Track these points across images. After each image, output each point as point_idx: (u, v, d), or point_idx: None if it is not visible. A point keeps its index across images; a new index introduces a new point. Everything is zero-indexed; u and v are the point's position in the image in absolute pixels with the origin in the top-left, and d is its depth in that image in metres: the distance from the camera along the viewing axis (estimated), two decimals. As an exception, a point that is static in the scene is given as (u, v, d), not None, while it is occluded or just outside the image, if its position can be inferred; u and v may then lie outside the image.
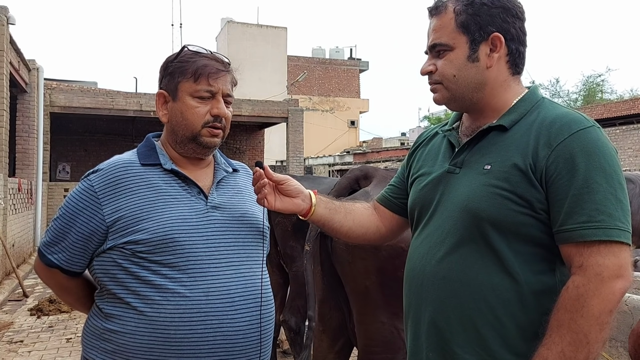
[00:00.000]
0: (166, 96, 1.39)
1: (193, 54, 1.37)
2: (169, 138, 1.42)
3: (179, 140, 1.39)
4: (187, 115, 1.36)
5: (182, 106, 1.36)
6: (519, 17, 1.24)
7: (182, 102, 1.36)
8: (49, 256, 1.35)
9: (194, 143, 1.37)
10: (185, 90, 1.35)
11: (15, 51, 8.89)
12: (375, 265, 2.16)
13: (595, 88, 27.21)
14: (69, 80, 17.10)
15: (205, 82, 1.34)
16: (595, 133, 1.13)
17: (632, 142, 15.09)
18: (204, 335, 1.26)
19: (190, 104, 1.35)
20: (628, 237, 1.08)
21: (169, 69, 1.38)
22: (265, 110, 14.76)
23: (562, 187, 1.10)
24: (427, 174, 1.33)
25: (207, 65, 1.35)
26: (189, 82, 1.34)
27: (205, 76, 1.34)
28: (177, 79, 1.36)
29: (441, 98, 1.28)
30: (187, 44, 1.39)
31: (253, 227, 1.42)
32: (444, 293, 1.19)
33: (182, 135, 1.37)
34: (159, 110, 1.41)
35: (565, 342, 1.04)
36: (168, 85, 1.38)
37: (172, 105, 1.38)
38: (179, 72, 1.36)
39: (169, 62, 1.39)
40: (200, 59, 1.36)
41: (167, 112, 1.39)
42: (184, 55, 1.37)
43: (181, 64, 1.36)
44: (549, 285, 1.14)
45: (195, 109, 1.35)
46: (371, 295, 2.18)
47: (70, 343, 4.68)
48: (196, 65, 1.34)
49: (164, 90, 1.39)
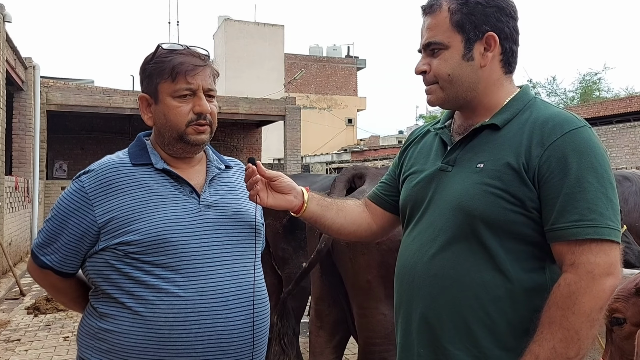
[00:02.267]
0: (148, 99, 1.37)
1: (168, 52, 1.34)
2: (157, 140, 1.41)
3: (167, 142, 1.38)
4: (170, 117, 1.34)
5: (164, 108, 1.34)
6: (513, 17, 1.25)
7: (163, 103, 1.34)
8: (41, 257, 1.35)
9: (181, 143, 1.36)
10: (165, 91, 1.33)
11: (11, 49, 8.87)
12: (376, 259, 2.22)
13: (591, 86, 27.25)
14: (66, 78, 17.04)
15: (183, 81, 1.31)
16: (587, 133, 1.14)
17: (629, 139, 15.15)
18: (198, 334, 1.26)
19: (172, 105, 1.33)
20: (618, 236, 1.10)
21: (147, 71, 1.36)
22: (263, 108, 14.74)
23: (555, 186, 1.11)
24: (419, 172, 1.33)
25: (183, 63, 1.31)
26: (167, 82, 1.32)
27: (182, 74, 1.31)
28: (156, 81, 1.34)
29: (436, 99, 1.28)
30: (161, 42, 1.37)
31: (246, 225, 1.41)
32: (436, 290, 1.20)
33: (169, 137, 1.36)
34: (144, 114, 1.39)
35: (557, 339, 1.06)
36: (148, 87, 1.36)
37: (155, 108, 1.37)
38: (157, 73, 1.33)
39: (147, 64, 1.36)
40: (176, 56, 1.33)
41: (152, 115, 1.38)
42: (160, 55, 1.34)
43: (157, 64, 1.34)
44: (539, 283, 1.15)
45: (177, 109, 1.33)
46: (373, 288, 2.24)
47: (67, 341, 4.69)
48: (172, 64, 1.32)
49: (146, 93, 1.37)
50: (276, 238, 3.42)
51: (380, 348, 2.26)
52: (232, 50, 29.05)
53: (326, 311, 2.58)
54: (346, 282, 2.39)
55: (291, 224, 3.33)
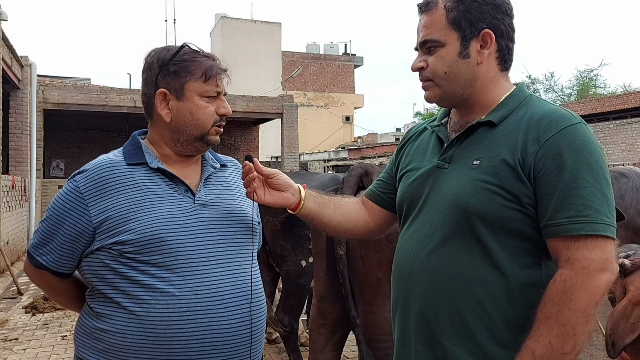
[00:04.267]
0: (168, 94, 1.37)
1: (195, 53, 1.38)
2: (165, 137, 1.40)
3: (184, 140, 1.38)
4: (198, 115, 1.36)
5: (191, 106, 1.36)
6: (508, 14, 1.25)
7: (191, 101, 1.36)
8: (37, 258, 1.35)
9: (200, 142, 1.38)
10: (194, 90, 1.36)
11: (7, 47, 8.84)
12: (388, 257, 2.25)
13: (588, 83, 27.28)
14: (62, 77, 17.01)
15: (214, 83, 1.37)
16: (582, 129, 1.15)
17: (626, 136, 15.18)
18: (193, 334, 1.26)
19: (201, 104, 1.36)
20: (613, 232, 1.10)
21: (171, 67, 1.35)
22: (260, 106, 14.74)
23: (550, 182, 1.12)
24: (416, 169, 1.34)
25: (213, 67, 1.37)
26: (198, 82, 1.35)
27: (214, 77, 1.37)
28: (185, 79, 1.35)
29: (433, 96, 1.29)
30: (186, 42, 1.39)
31: (242, 224, 1.42)
32: (433, 286, 1.21)
33: (190, 135, 1.37)
34: (161, 109, 1.37)
35: (553, 334, 1.06)
36: (171, 83, 1.36)
37: (177, 105, 1.36)
38: (186, 71, 1.35)
39: (169, 60, 1.36)
40: (204, 59, 1.37)
41: (170, 112, 1.37)
42: (186, 54, 1.37)
43: (186, 63, 1.35)
44: (535, 279, 1.16)
45: (206, 109, 1.37)
46: (382, 286, 2.27)
47: (65, 340, 4.69)
48: (204, 66, 1.36)
49: (166, 89, 1.36)
50: (275, 235, 3.42)
51: (384, 345, 2.29)
52: (229, 48, 29.00)
53: (329, 309, 2.61)
54: (354, 279, 2.43)
55: (290, 221, 3.33)
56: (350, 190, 2.45)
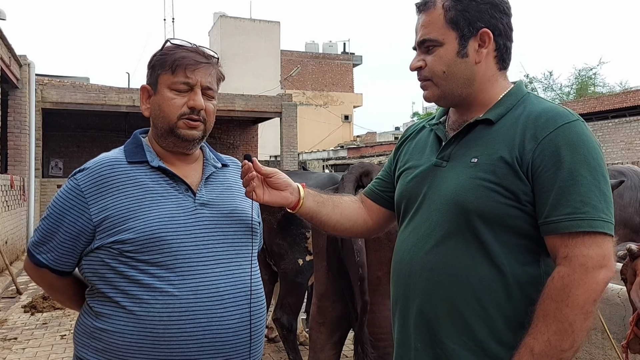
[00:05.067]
0: (149, 90, 1.39)
1: (175, 47, 1.37)
2: (152, 132, 1.42)
3: (159, 134, 1.38)
4: (163, 107, 1.35)
5: (160, 98, 1.36)
6: (506, 13, 1.26)
7: (160, 94, 1.36)
8: (37, 256, 1.35)
9: (172, 136, 1.36)
10: (164, 83, 1.35)
11: (6, 47, 8.83)
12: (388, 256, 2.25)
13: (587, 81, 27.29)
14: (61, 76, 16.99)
15: (182, 74, 1.33)
16: (579, 127, 1.15)
17: (624, 134, 15.19)
18: (193, 333, 1.26)
19: (167, 96, 1.35)
20: (611, 229, 1.10)
21: (152, 62, 1.38)
22: (259, 105, 14.72)
23: (548, 179, 1.12)
24: (414, 167, 1.34)
25: (185, 57, 1.33)
26: (167, 74, 1.34)
27: (182, 68, 1.33)
28: (157, 72, 1.36)
29: (432, 95, 1.29)
30: (171, 38, 1.39)
31: (242, 224, 1.41)
32: (432, 284, 1.21)
33: (161, 128, 1.37)
34: (142, 104, 1.41)
35: (551, 331, 1.07)
36: (150, 78, 1.38)
37: (153, 99, 1.38)
38: (159, 64, 1.36)
39: (153, 56, 1.38)
40: (180, 51, 1.35)
41: (149, 106, 1.39)
42: (166, 49, 1.37)
43: (161, 57, 1.36)
44: (534, 276, 1.16)
45: (171, 100, 1.34)
46: (382, 285, 2.28)
47: (64, 340, 4.68)
48: (174, 57, 1.34)
49: (148, 84, 1.39)
50: (271, 233, 3.42)
51: (385, 343, 2.30)
52: (228, 47, 28.98)
53: (329, 308, 2.62)
54: (355, 278, 2.43)
55: (286, 220, 3.33)
56: (348, 189, 2.45)
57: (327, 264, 2.58)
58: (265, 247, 3.55)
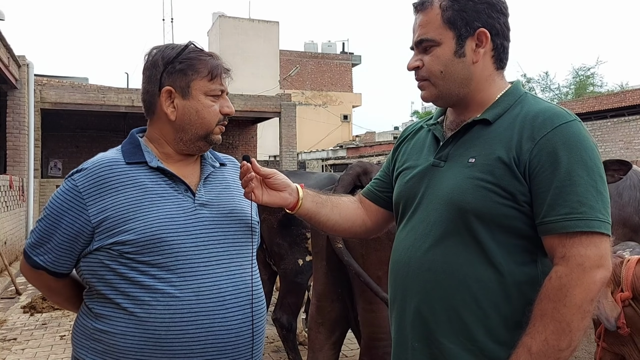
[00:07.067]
0: (173, 92, 1.36)
1: (200, 51, 1.38)
2: (167, 135, 1.39)
3: (187, 138, 1.37)
4: (203, 114, 1.36)
5: (197, 104, 1.36)
6: (503, 13, 1.26)
7: (196, 100, 1.35)
8: (34, 258, 1.33)
9: (203, 140, 1.38)
10: (199, 89, 1.35)
11: (4, 47, 8.82)
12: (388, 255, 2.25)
13: (585, 81, 27.31)
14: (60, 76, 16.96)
15: (218, 82, 1.37)
16: (576, 127, 1.15)
17: (623, 134, 15.20)
18: (195, 335, 1.25)
19: (207, 103, 1.36)
20: (608, 229, 1.11)
21: (177, 65, 1.34)
22: (258, 105, 14.72)
23: (545, 179, 1.12)
24: (412, 168, 1.34)
25: (218, 66, 1.37)
26: (203, 80, 1.35)
27: (219, 76, 1.37)
28: (191, 77, 1.35)
29: (429, 95, 1.29)
30: (191, 41, 1.39)
31: (242, 224, 1.41)
32: (429, 284, 1.21)
33: (194, 133, 1.37)
34: (166, 107, 1.36)
35: (549, 331, 1.07)
36: (177, 81, 1.35)
37: (182, 103, 1.35)
38: (193, 69, 1.34)
39: (174, 58, 1.35)
40: (209, 58, 1.37)
41: (175, 110, 1.36)
42: (192, 52, 1.36)
43: (192, 61, 1.35)
44: (531, 276, 1.16)
45: (211, 107, 1.37)
46: (382, 285, 2.27)
47: (64, 340, 4.68)
48: (210, 64, 1.36)
49: (171, 87, 1.35)
50: (271, 233, 3.42)
51: (384, 343, 2.30)
52: (227, 47, 28.96)
53: (328, 308, 2.62)
54: (355, 278, 2.44)
55: (287, 219, 3.33)
56: (344, 189, 2.44)
57: (326, 264, 2.58)
58: (265, 247, 3.55)
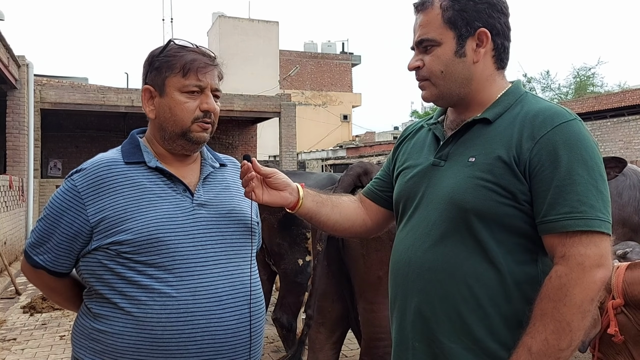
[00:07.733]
0: (152, 91, 1.36)
1: (180, 48, 1.35)
2: (155, 134, 1.39)
3: (168, 137, 1.36)
4: (176, 111, 1.33)
5: (170, 102, 1.34)
6: (504, 13, 1.26)
7: (170, 97, 1.33)
8: (34, 257, 1.34)
9: (183, 139, 1.35)
10: (174, 86, 1.33)
11: (4, 47, 8.82)
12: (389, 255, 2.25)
13: (585, 81, 27.33)
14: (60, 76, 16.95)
15: (194, 77, 1.32)
16: (577, 126, 1.15)
17: (623, 134, 15.20)
18: (191, 335, 1.25)
19: (179, 100, 1.33)
20: (608, 228, 1.11)
21: (155, 63, 1.35)
22: (258, 105, 14.71)
23: (545, 178, 1.12)
24: (412, 167, 1.34)
25: (195, 60, 1.33)
26: (177, 77, 1.32)
27: (194, 71, 1.32)
28: (165, 74, 1.33)
29: (430, 95, 1.30)
30: (173, 38, 1.38)
31: (241, 224, 1.40)
32: (430, 283, 1.21)
33: (171, 132, 1.35)
34: (146, 106, 1.38)
35: (549, 330, 1.07)
36: (154, 80, 1.35)
37: (159, 101, 1.35)
38: (166, 66, 1.33)
39: (155, 57, 1.36)
40: (188, 53, 1.34)
41: (154, 108, 1.37)
42: (170, 50, 1.35)
43: (168, 58, 1.33)
44: (531, 275, 1.16)
45: (184, 104, 1.33)
46: (383, 284, 2.28)
47: (63, 340, 4.68)
48: (184, 59, 1.32)
49: (150, 85, 1.36)
50: (272, 233, 3.42)
51: (385, 343, 2.31)
52: (227, 47, 28.96)
53: (329, 307, 2.63)
54: (355, 278, 2.44)
55: (287, 219, 3.33)
56: (344, 190, 2.44)
57: (328, 264, 2.59)
58: (265, 247, 3.55)
